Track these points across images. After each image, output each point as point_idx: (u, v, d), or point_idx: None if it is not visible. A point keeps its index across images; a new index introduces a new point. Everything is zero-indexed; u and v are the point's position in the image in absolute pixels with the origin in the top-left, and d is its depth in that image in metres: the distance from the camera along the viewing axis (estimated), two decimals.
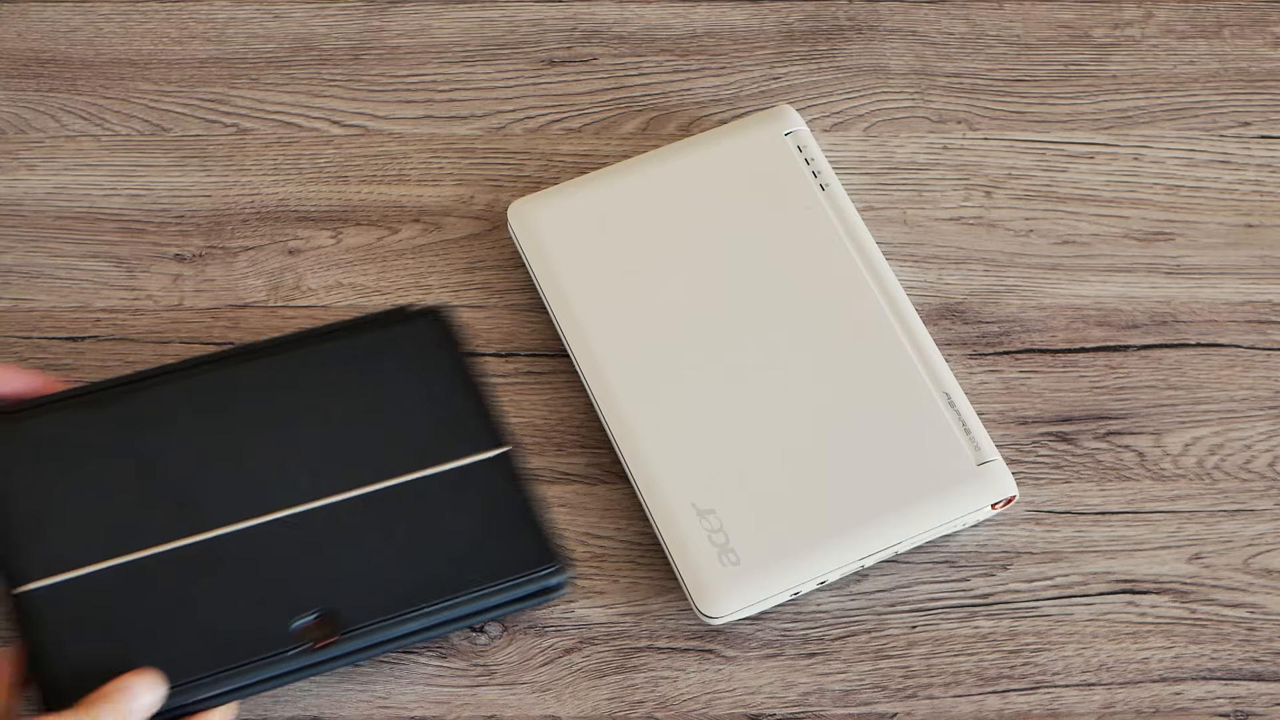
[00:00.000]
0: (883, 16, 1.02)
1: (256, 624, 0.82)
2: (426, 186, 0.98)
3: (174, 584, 0.83)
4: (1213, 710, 0.86)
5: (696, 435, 0.87)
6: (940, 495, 0.86)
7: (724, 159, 0.94)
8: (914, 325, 0.90)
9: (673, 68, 1.01)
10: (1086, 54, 1.01)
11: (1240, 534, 0.90)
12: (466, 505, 0.85)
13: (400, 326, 0.89)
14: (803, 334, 0.89)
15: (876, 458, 0.87)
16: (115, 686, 0.79)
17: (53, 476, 0.84)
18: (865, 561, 0.86)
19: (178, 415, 0.86)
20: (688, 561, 0.85)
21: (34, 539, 0.83)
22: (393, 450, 0.86)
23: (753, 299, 0.90)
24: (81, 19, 1.02)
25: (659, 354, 0.89)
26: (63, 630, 0.81)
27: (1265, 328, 0.94)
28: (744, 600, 0.85)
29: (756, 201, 0.93)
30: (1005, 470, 0.87)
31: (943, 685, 0.87)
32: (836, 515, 0.85)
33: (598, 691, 0.87)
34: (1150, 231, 0.96)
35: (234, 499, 0.84)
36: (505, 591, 0.84)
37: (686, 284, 0.91)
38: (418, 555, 0.84)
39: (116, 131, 0.99)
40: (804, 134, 0.95)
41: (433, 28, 1.02)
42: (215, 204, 0.97)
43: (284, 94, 1.00)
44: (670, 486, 0.86)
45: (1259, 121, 0.99)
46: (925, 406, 0.88)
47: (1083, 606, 0.88)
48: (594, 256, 0.91)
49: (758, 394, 0.88)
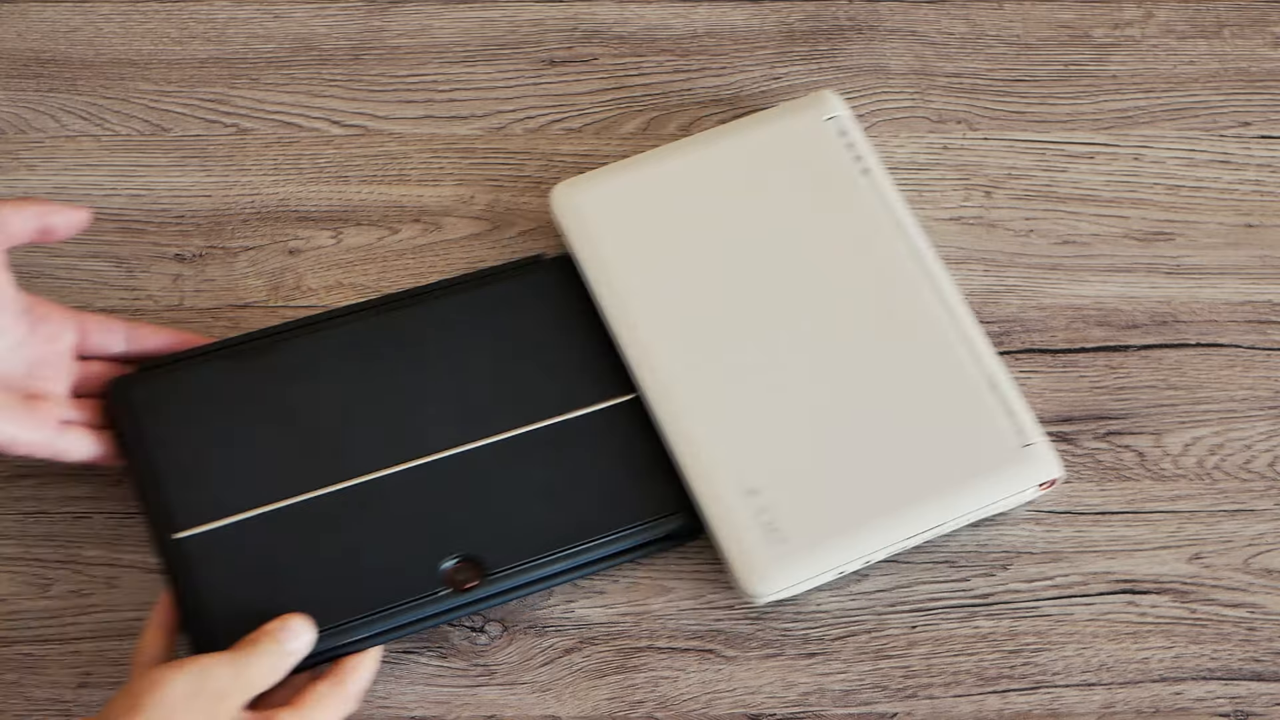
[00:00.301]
0: (883, 16, 1.02)
1: (403, 568, 0.84)
2: (426, 186, 0.98)
3: (322, 530, 0.85)
4: (1213, 710, 0.86)
5: (742, 415, 0.88)
6: (985, 476, 0.87)
7: (767, 143, 0.94)
8: (957, 307, 0.90)
9: (673, 68, 1.01)
10: (1086, 54, 1.01)
11: (1240, 534, 0.90)
12: (601, 450, 0.88)
13: (533, 276, 0.92)
14: (847, 315, 0.90)
15: (921, 438, 0.87)
16: (272, 628, 0.81)
17: (202, 427, 0.87)
18: (910, 541, 0.86)
19: (320, 365, 0.89)
20: (735, 540, 0.85)
21: (185, 488, 0.86)
22: (529, 396, 0.88)
23: (797, 281, 0.91)
24: (81, 19, 1.02)
25: (704, 335, 0.90)
26: (214, 576, 0.84)
27: (1265, 328, 0.94)
28: (792, 578, 0.85)
29: (800, 185, 0.93)
30: (1050, 451, 0.87)
31: (943, 685, 0.87)
32: (882, 495, 0.86)
33: (598, 691, 0.87)
34: (1150, 231, 0.96)
35: (378, 446, 0.87)
36: (641, 534, 0.86)
37: (730, 266, 0.91)
38: (556, 499, 0.86)
39: (116, 131, 0.99)
40: (846, 119, 0.95)
41: (433, 28, 1.02)
42: (215, 204, 0.97)
43: (284, 94, 1.00)
44: (717, 467, 0.87)
45: (1259, 121, 0.99)
46: (969, 388, 0.88)
47: (1083, 606, 0.88)
48: (638, 239, 0.92)
49: (802, 374, 0.89)
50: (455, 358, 0.89)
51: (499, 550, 0.85)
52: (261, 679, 0.80)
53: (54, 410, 0.86)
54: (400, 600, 0.83)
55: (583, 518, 0.86)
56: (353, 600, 0.83)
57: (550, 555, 0.85)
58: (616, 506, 0.86)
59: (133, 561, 0.89)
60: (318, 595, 0.83)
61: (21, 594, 0.88)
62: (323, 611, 0.82)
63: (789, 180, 0.93)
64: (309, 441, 0.87)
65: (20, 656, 0.87)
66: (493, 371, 0.89)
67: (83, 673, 0.87)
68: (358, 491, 0.86)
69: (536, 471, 0.87)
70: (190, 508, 0.85)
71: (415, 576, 0.84)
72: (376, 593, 0.84)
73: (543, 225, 0.96)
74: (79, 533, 0.89)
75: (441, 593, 0.84)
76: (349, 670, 0.82)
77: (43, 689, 0.86)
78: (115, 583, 0.88)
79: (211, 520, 0.85)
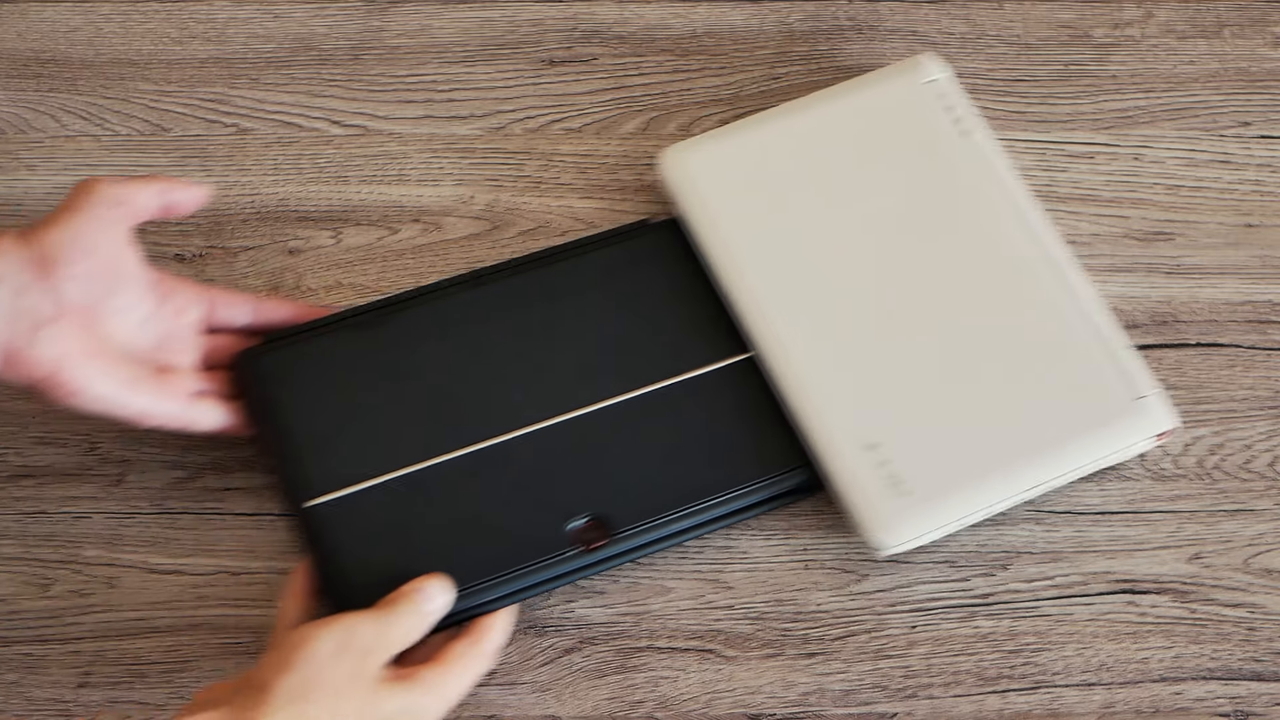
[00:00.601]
0: (883, 16, 1.02)
1: (532, 529, 0.86)
2: (426, 186, 0.98)
3: (450, 493, 0.86)
4: (1213, 710, 0.86)
5: (859, 371, 0.89)
6: (1100, 428, 0.88)
7: (871, 105, 0.96)
8: (1065, 264, 0.91)
9: (673, 68, 1.01)
10: (1086, 54, 1.01)
11: (1240, 534, 0.90)
12: (719, 409, 0.89)
13: (641, 240, 0.93)
14: (957, 273, 0.91)
15: (1036, 392, 0.88)
16: (412, 588, 0.83)
17: (329, 395, 0.89)
18: (1030, 493, 0.88)
19: (441, 333, 0.90)
20: (859, 493, 0.87)
21: (317, 456, 0.87)
22: (645, 358, 0.90)
23: (907, 238, 0.92)
24: (81, 19, 1.02)
25: (819, 292, 0.91)
26: (348, 541, 0.85)
27: (1265, 328, 0.94)
28: (916, 530, 0.86)
29: (905, 145, 0.94)
30: (1164, 402, 0.88)
31: (943, 685, 0.87)
32: (1000, 448, 0.87)
33: (598, 691, 0.87)
34: (1150, 231, 0.96)
35: (501, 410, 0.88)
36: (763, 489, 0.87)
37: (841, 225, 0.92)
38: (678, 457, 0.88)
39: (116, 131, 0.99)
40: (946, 81, 0.96)
41: (433, 28, 1.02)
42: (215, 204, 0.97)
43: (284, 94, 1.00)
44: (837, 422, 0.88)
45: (1259, 121, 0.99)
46: (1082, 342, 0.89)
47: (1083, 606, 0.88)
48: (749, 199, 0.93)
49: (917, 331, 0.90)
50: (572, 323, 0.91)
51: (624, 509, 0.86)
52: (402, 637, 0.82)
53: (184, 382, 0.87)
54: (531, 560, 0.85)
55: (705, 476, 0.87)
56: (485, 561, 0.85)
57: (674, 513, 0.86)
58: (738, 463, 0.88)
59: (133, 561, 0.89)
60: (450, 557, 0.85)
61: (21, 594, 0.88)
62: (456, 573, 0.84)
63: (895, 141, 0.95)
64: (434, 407, 0.88)
65: (20, 656, 0.87)
66: (608, 335, 0.91)
67: (83, 673, 0.87)
68: (484, 455, 0.87)
69: (657, 431, 0.88)
70: (323, 475, 0.87)
71: (544, 537, 0.86)
72: (508, 554, 0.85)
73: (543, 225, 0.96)
74: (79, 533, 0.89)
75: (570, 552, 0.86)
76: (484, 629, 0.84)
77: (43, 689, 0.86)
78: (115, 583, 0.88)
79: (344, 486, 0.86)
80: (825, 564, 0.89)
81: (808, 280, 0.91)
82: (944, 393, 0.88)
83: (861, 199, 0.93)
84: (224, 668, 0.87)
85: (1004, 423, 0.88)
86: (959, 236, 0.92)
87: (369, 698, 0.79)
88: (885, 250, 0.92)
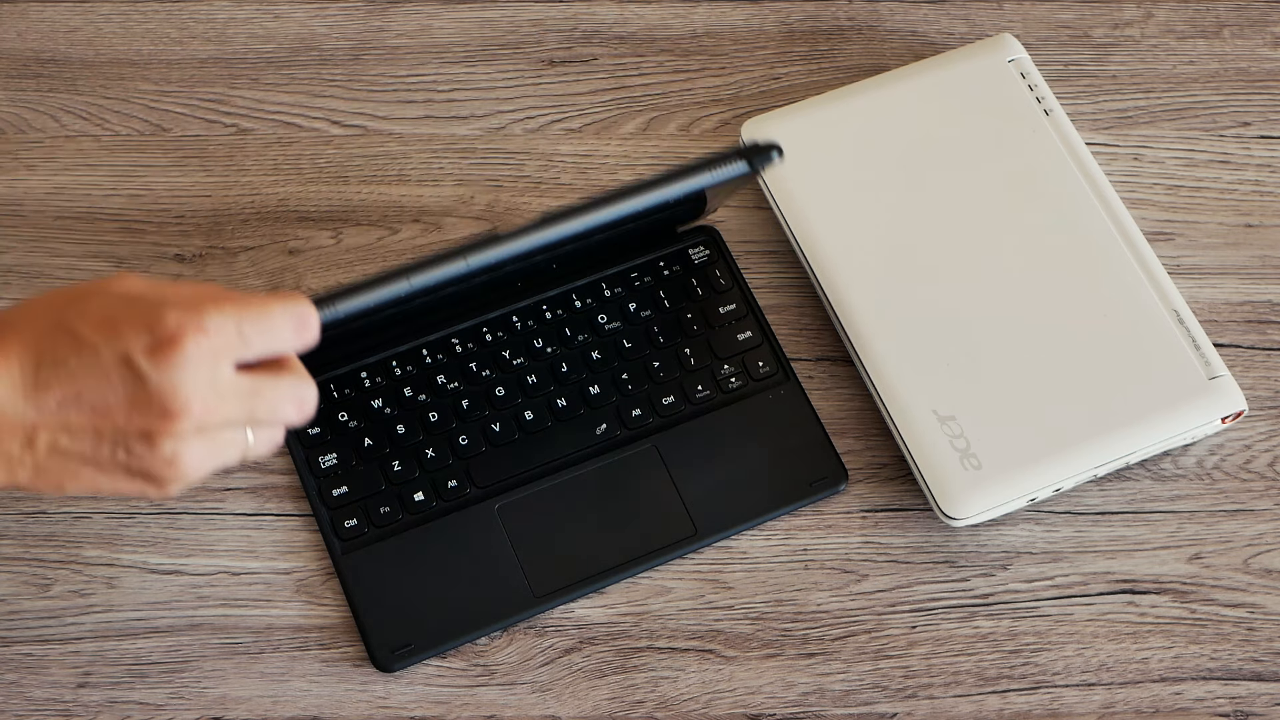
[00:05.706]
0: (883, 16, 1.02)
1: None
2: (426, 186, 0.98)
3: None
4: (1213, 710, 0.86)
5: (934, 345, 0.90)
6: (1171, 408, 0.88)
7: (952, 82, 0.96)
8: (1140, 244, 0.92)
9: (673, 68, 1.01)
10: (1086, 54, 1.01)
11: (1240, 534, 0.90)
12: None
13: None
14: (1034, 250, 0.92)
15: (1109, 371, 0.89)
16: (294, 297, 0.73)
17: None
18: (1099, 470, 0.88)
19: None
20: (931, 465, 0.87)
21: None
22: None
23: (986, 214, 0.93)
24: (81, 19, 1.02)
25: (896, 265, 0.92)
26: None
27: (1265, 328, 0.94)
28: (987, 503, 0.87)
29: (985, 122, 0.95)
30: (1234, 385, 0.89)
31: (943, 685, 0.87)
32: (1072, 425, 0.88)
33: (598, 691, 0.87)
34: (1150, 231, 0.96)
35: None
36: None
37: (921, 199, 0.93)
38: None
39: (116, 131, 0.99)
40: (1026, 61, 0.97)
41: (433, 28, 1.02)
42: (215, 204, 0.97)
43: (284, 94, 1.00)
44: (911, 394, 0.89)
45: (1259, 121, 0.99)
46: (1155, 322, 0.90)
47: (1083, 606, 0.88)
48: (829, 172, 0.94)
49: (993, 306, 0.91)
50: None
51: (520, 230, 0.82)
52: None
53: None
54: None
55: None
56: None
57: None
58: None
59: (133, 561, 0.89)
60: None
61: (21, 594, 0.88)
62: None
63: (975, 118, 0.95)
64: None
65: (20, 656, 0.87)
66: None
67: (83, 673, 0.87)
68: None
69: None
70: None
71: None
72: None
73: None
74: (79, 533, 0.89)
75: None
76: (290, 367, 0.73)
77: (43, 689, 0.86)
78: (115, 583, 0.88)
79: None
80: (825, 564, 0.89)
81: (888, 251, 0.92)
82: (1019, 368, 0.89)
83: (944, 173, 0.94)
84: (224, 668, 0.87)
85: (1077, 400, 0.88)
86: (1040, 213, 0.93)
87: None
88: (966, 223, 0.93)
